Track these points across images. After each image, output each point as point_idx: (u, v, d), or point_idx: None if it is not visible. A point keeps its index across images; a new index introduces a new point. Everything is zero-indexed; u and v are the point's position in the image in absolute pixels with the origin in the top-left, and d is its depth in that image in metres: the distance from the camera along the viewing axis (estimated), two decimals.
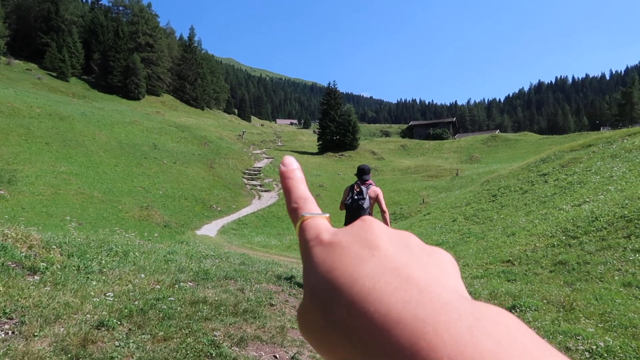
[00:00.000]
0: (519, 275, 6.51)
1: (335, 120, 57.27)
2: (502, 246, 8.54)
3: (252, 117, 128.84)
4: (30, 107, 36.72)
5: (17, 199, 20.67)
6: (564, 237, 7.37)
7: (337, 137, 56.57)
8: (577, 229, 7.46)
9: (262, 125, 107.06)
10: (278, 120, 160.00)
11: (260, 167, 40.45)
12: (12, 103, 35.48)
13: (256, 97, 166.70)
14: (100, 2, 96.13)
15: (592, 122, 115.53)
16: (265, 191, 33.98)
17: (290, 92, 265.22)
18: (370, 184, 5.87)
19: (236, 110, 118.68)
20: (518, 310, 5.15)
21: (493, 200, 14.89)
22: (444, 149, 66.19)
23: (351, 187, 5.88)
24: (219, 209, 27.85)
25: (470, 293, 5.49)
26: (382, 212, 5.90)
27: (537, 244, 7.65)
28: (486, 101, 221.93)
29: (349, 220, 5.71)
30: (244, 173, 38.09)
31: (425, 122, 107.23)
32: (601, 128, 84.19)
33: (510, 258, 7.50)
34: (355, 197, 5.71)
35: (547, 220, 9.08)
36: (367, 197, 5.73)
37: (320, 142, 58.24)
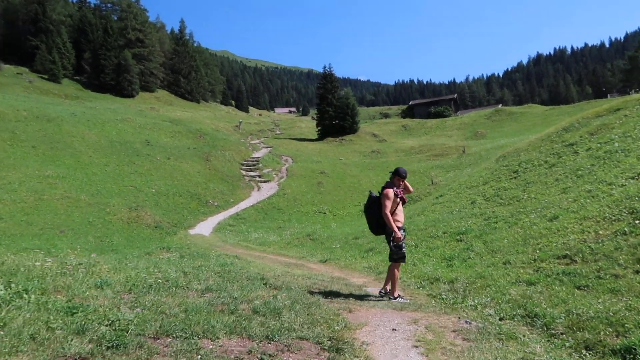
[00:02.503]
0: (591, 279, 4.76)
1: (333, 105, 55.41)
2: (548, 234, 6.83)
3: (250, 107, 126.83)
4: (17, 110, 35.07)
5: None
6: (637, 222, 5.68)
7: (337, 121, 54.72)
8: None
9: (260, 114, 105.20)
10: (276, 109, 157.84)
11: (258, 157, 38.80)
12: None
13: (253, 87, 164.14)
14: (87, 0, 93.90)
15: (597, 90, 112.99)
16: (265, 182, 32.37)
17: (287, 81, 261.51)
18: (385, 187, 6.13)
19: (233, 102, 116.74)
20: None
21: (515, 177, 13.20)
22: (446, 126, 64.38)
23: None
24: (215, 204, 26.30)
25: (535, 316, 3.62)
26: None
27: (599, 231, 5.96)
28: (485, 77, 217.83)
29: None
30: (242, 164, 36.45)
31: (426, 100, 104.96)
32: (608, 95, 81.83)
33: (567, 252, 5.73)
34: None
35: (597, 198, 7.38)
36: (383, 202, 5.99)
37: (319, 128, 56.46)
